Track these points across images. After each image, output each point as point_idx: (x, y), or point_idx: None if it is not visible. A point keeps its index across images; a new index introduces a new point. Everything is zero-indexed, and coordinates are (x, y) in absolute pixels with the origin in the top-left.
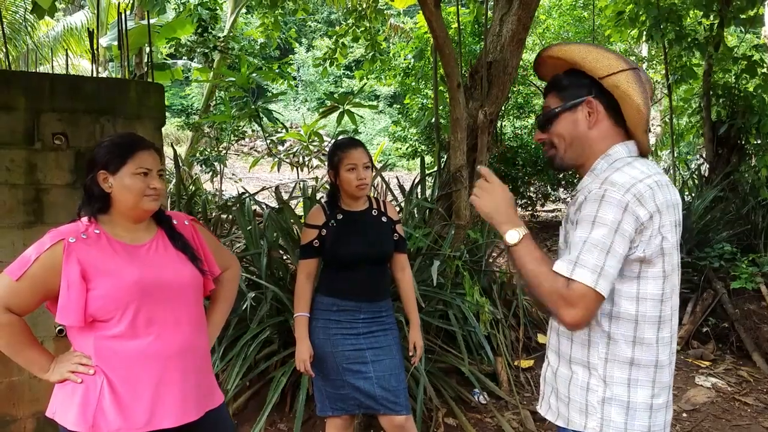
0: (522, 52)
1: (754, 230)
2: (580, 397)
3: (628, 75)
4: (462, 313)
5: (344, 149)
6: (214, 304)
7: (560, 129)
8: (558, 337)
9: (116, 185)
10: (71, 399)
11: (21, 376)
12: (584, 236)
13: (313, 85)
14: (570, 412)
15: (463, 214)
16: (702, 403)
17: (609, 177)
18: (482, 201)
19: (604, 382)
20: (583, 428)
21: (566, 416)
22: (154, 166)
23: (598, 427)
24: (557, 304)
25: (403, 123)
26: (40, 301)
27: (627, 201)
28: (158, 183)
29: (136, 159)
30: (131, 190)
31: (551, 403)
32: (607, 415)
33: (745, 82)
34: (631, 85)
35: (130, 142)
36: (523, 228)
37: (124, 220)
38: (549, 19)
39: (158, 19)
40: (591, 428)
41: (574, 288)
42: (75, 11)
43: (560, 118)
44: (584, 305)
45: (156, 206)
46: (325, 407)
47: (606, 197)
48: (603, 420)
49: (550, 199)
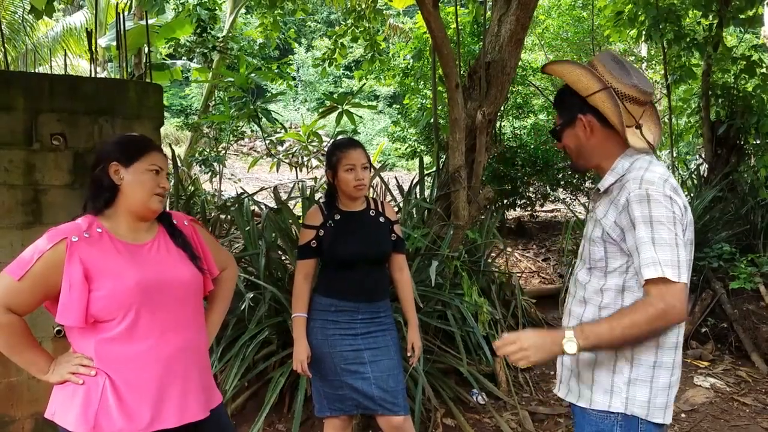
0: (521, 52)
1: (753, 230)
2: (605, 379)
3: (602, 95)
4: (460, 314)
5: (343, 149)
6: (212, 304)
7: (566, 142)
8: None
9: (128, 179)
10: (72, 400)
11: (20, 376)
12: (649, 236)
13: (312, 86)
14: (594, 394)
15: (462, 215)
16: (701, 403)
17: (643, 176)
18: (530, 354)
19: (630, 365)
20: (608, 407)
21: (589, 397)
22: (164, 166)
23: (622, 407)
24: (660, 315)
25: (402, 123)
26: (41, 301)
27: (669, 194)
28: (167, 183)
29: (151, 156)
30: (143, 186)
31: (571, 386)
32: (632, 395)
33: (744, 82)
34: (606, 104)
35: (144, 140)
36: (568, 331)
37: (127, 217)
38: (548, 19)
39: (157, 20)
40: (615, 407)
41: (668, 288)
42: (74, 12)
43: (564, 134)
44: (679, 299)
45: (161, 208)
46: (323, 408)
47: (651, 196)
48: (628, 399)
49: (549, 199)
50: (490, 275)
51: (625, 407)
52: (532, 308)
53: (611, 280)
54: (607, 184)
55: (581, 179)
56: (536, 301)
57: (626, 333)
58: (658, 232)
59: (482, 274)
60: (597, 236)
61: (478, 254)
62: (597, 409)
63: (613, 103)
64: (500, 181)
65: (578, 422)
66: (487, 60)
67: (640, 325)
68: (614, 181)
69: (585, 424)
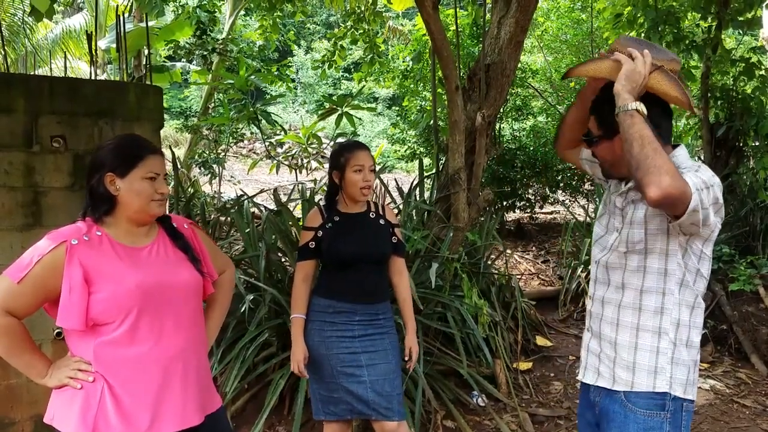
0: (520, 54)
1: (752, 232)
2: (648, 360)
3: (656, 76)
4: (460, 316)
5: (351, 150)
6: (211, 308)
7: (601, 153)
8: (618, 309)
9: (124, 188)
10: (70, 405)
11: (19, 378)
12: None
13: (312, 87)
14: (636, 376)
15: (462, 217)
16: (700, 405)
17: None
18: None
19: (674, 345)
20: (653, 388)
21: (630, 380)
22: (162, 170)
23: (667, 386)
24: (660, 170)
25: (402, 125)
26: (41, 303)
27: (716, 182)
28: (165, 188)
29: (146, 163)
30: (140, 195)
31: (602, 371)
32: (675, 374)
33: (743, 84)
34: (663, 84)
35: (139, 146)
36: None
37: (127, 223)
38: (547, 22)
39: (157, 22)
40: (660, 387)
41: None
42: (74, 14)
43: (600, 145)
44: (681, 189)
45: (161, 212)
46: (318, 411)
47: (702, 167)
48: (672, 378)
49: (549, 201)
50: (490, 277)
51: (670, 386)
52: (532, 310)
53: (651, 261)
54: None
55: (580, 181)
56: (536, 303)
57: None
58: (698, 177)
59: (482, 276)
60: (640, 217)
61: (478, 256)
62: (639, 391)
63: (669, 79)
64: (500, 183)
65: (607, 408)
66: (487, 62)
67: (655, 153)
68: None
69: (615, 407)
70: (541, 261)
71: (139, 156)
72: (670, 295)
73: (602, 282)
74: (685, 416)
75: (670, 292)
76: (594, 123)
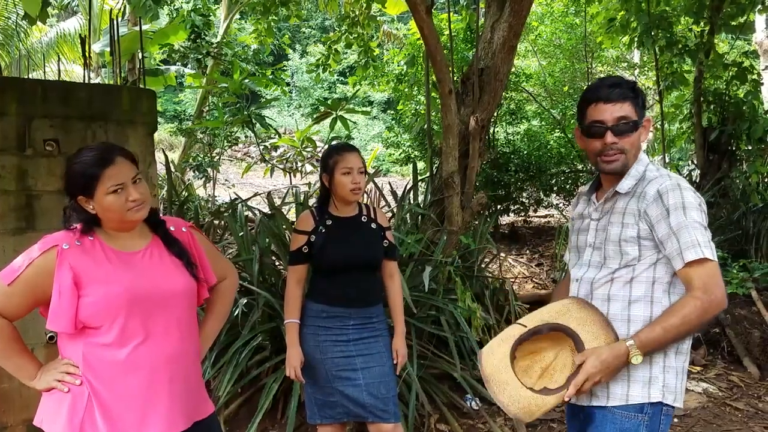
0: (513, 58)
1: (745, 236)
2: (642, 371)
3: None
4: (454, 319)
5: (340, 152)
6: (209, 314)
7: (635, 139)
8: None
9: (97, 206)
10: (58, 408)
11: (11, 383)
12: (684, 221)
13: (306, 91)
14: (630, 389)
15: (455, 220)
16: (693, 408)
17: (668, 173)
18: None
19: (664, 353)
20: (647, 398)
21: (625, 393)
22: (127, 176)
23: (660, 395)
24: (706, 306)
25: (396, 129)
26: (31, 306)
27: (701, 199)
28: (136, 192)
29: (107, 177)
30: (111, 209)
31: (595, 390)
32: (667, 382)
33: (735, 88)
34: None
35: (94, 163)
36: (629, 341)
37: (115, 230)
38: (541, 26)
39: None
40: (654, 397)
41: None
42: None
43: (638, 130)
44: (719, 283)
45: (143, 215)
46: (313, 415)
47: (682, 185)
48: (664, 387)
49: (543, 204)
50: (484, 280)
51: (662, 395)
52: (526, 313)
53: (639, 272)
54: (629, 185)
55: (574, 185)
56: (530, 306)
57: (680, 331)
58: (691, 216)
59: (476, 280)
60: (632, 236)
61: (472, 259)
62: (633, 404)
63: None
64: (494, 186)
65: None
66: (480, 66)
67: (691, 321)
68: (635, 183)
69: (607, 424)
70: (534, 264)
71: (97, 174)
72: (658, 303)
73: (582, 294)
74: (663, 420)
75: (658, 301)
76: (632, 108)
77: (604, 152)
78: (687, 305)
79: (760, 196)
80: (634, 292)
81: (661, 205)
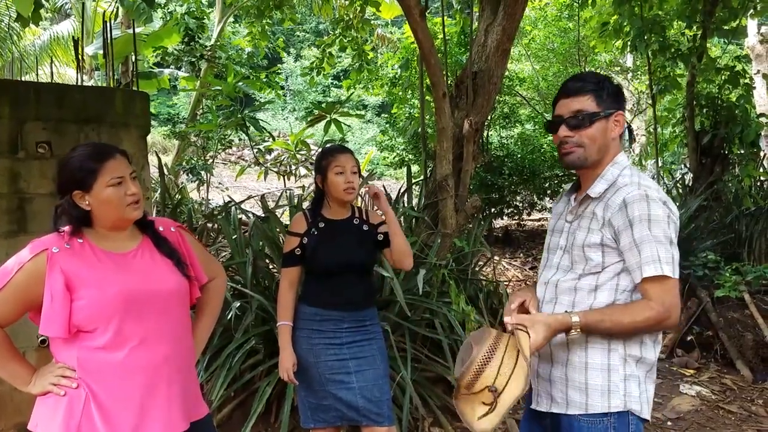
0: (507, 62)
1: (737, 239)
2: (600, 379)
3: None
4: (448, 322)
5: (333, 153)
6: (200, 316)
7: (594, 132)
8: None
9: (94, 201)
10: (54, 412)
11: (3, 387)
12: (648, 234)
13: (301, 95)
14: (589, 397)
15: (449, 223)
16: (686, 411)
17: (639, 181)
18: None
19: (624, 361)
20: (608, 408)
21: (584, 402)
22: (126, 171)
23: (622, 405)
24: (658, 320)
25: (391, 132)
26: (22, 312)
27: (665, 199)
28: (134, 187)
29: (107, 169)
30: (111, 202)
31: (555, 396)
32: (629, 391)
33: (728, 92)
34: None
35: (96, 154)
36: (574, 317)
37: (107, 230)
38: (534, 30)
39: (145, 28)
40: (615, 406)
41: (665, 287)
42: (61, 20)
43: (596, 123)
44: (676, 303)
45: (139, 214)
46: (307, 419)
47: (650, 196)
48: (626, 396)
49: (537, 208)
50: (478, 284)
51: (624, 404)
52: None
53: (604, 280)
54: (600, 190)
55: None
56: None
57: (624, 330)
58: (655, 231)
59: (470, 283)
60: (595, 242)
61: (466, 263)
62: (594, 413)
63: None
64: (487, 189)
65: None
66: (474, 70)
67: (638, 328)
68: (606, 188)
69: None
70: (528, 267)
71: (99, 165)
72: None
73: (548, 300)
74: (633, 429)
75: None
76: (592, 101)
77: (560, 146)
78: (642, 313)
79: (752, 199)
80: (597, 302)
81: (625, 216)
